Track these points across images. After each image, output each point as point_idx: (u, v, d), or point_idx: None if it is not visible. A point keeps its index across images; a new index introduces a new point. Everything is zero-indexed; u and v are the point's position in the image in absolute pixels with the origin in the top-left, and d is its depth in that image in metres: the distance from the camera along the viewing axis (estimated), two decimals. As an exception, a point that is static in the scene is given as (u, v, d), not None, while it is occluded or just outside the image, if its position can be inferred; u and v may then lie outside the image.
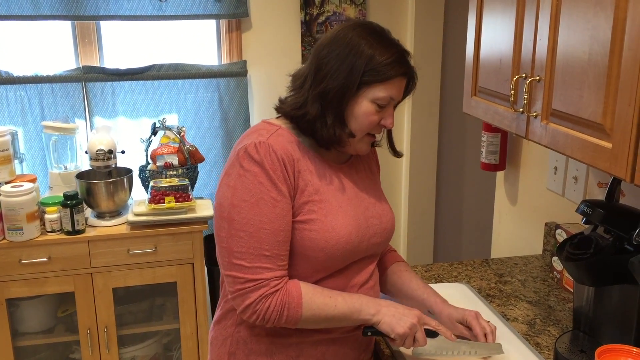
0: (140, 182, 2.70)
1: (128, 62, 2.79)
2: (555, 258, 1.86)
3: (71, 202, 2.39)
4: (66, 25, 2.78)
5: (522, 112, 1.41)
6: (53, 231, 2.42)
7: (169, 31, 2.89)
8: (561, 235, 1.83)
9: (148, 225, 2.49)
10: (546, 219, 2.03)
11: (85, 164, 2.64)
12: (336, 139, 1.29)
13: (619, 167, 1.09)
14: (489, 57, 1.59)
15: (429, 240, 3.42)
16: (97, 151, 2.50)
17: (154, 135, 2.68)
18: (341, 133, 1.29)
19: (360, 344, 1.42)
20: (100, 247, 2.45)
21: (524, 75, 1.39)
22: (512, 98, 1.43)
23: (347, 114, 1.28)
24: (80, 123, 2.74)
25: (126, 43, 2.87)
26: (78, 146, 2.65)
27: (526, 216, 2.18)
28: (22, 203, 2.32)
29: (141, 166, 2.70)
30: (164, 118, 2.67)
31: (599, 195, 1.75)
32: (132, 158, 2.73)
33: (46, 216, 2.41)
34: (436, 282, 1.83)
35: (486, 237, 2.56)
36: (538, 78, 1.34)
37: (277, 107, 1.36)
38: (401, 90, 1.31)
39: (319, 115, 1.28)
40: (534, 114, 1.35)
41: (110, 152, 2.52)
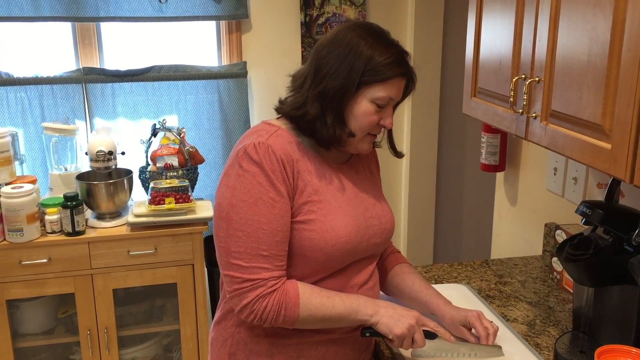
0: (140, 183, 2.70)
1: (128, 64, 2.80)
2: (555, 259, 1.86)
3: (71, 203, 2.39)
4: (66, 26, 2.78)
5: (522, 113, 1.41)
6: (53, 232, 2.42)
7: (169, 32, 2.89)
8: (561, 236, 1.83)
9: (148, 226, 2.49)
10: (546, 220, 2.03)
11: (85, 165, 2.64)
12: (336, 139, 1.30)
13: (618, 168, 1.09)
14: (489, 58, 1.59)
15: (429, 241, 3.42)
16: (98, 152, 2.50)
17: (154, 136, 2.69)
18: (341, 133, 1.29)
19: (360, 345, 1.42)
20: (100, 248, 2.46)
21: (524, 76, 1.39)
22: (512, 99, 1.43)
23: (347, 114, 1.29)
24: (80, 124, 2.74)
25: (126, 44, 2.87)
26: (78, 147, 2.66)
27: (526, 217, 2.18)
28: (23, 204, 2.32)
29: (141, 167, 2.70)
30: (164, 119, 2.67)
31: (599, 196, 1.75)
32: (132, 159, 2.74)
33: (46, 217, 2.41)
34: (436, 283, 1.83)
35: (486, 238, 2.56)
36: (537, 79, 1.34)
37: (277, 108, 1.37)
38: (400, 90, 1.31)
39: (319, 115, 1.28)
40: (534, 115, 1.36)
41: (110, 154, 2.52)
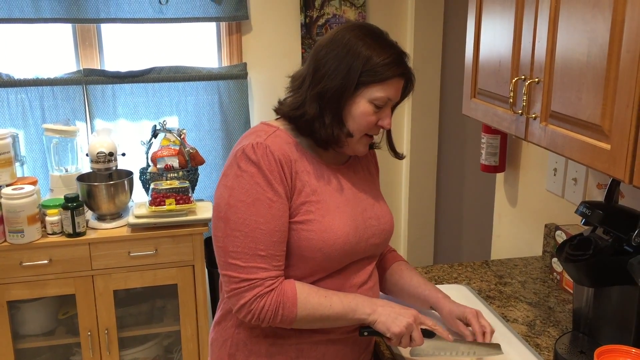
0: (140, 185, 2.70)
1: (128, 65, 2.80)
2: (554, 259, 1.86)
3: (72, 205, 2.39)
4: (67, 28, 2.79)
5: (522, 114, 1.41)
6: (54, 233, 2.42)
7: (170, 34, 2.90)
8: (561, 236, 1.83)
9: (149, 227, 2.49)
10: (546, 221, 2.03)
11: (86, 167, 2.65)
12: (334, 139, 1.30)
13: (618, 169, 1.09)
14: (488, 59, 1.60)
15: (429, 241, 3.43)
16: (98, 153, 2.50)
17: (155, 137, 2.69)
18: (339, 133, 1.29)
19: (360, 345, 1.42)
20: (101, 250, 2.46)
21: (523, 77, 1.40)
22: (512, 100, 1.43)
23: (345, 114, 1.29)
24: (80, 125, 2.75)
25: (127, 46, 2.87)
26: (79, 149, 2.66)
27: (526, 218, 2.18)
28: (23, 205, 2.32)
29: (142, 168, 2.71)
30: (165, 120, 2.67)
31: (598, 196, 1.75)
32: (133, 160, 2.74)
33: (47, 218, 2.41)
34: (436, 284, 1.82)
35: (486, 239, 2.56)
36: (537, 80, 1.34)
37: (276, 109, 1.37)
38: (399, 91, 1.31)
39: (317, 115, 1.28)
40: (533, 116, 1.36)
41: (110, 155, 2.52)
